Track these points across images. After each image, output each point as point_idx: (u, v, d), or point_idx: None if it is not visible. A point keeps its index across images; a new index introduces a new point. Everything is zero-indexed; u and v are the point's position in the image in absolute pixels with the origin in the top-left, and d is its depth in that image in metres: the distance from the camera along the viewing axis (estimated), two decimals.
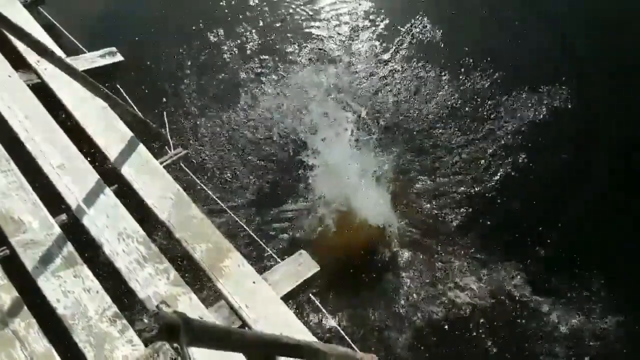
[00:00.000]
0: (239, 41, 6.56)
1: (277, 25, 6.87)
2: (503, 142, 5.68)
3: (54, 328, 3.68)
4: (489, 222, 5.11)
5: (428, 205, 5.19)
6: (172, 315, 1.94)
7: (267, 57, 6.43)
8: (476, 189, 5.32)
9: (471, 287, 4.67)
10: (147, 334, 1.89)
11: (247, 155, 5.39)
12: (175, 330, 1.94)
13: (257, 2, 7.13)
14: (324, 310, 4.24)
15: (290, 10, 7.09)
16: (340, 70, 6.37)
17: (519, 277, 4.71)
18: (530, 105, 6.06)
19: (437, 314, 4.50)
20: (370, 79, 6.32)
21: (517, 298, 4.59)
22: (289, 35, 6.75)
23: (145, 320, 1.90)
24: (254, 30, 6.71)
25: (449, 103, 6.07)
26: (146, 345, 3.66)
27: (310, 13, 7.09)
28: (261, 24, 6.84)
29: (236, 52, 6.43)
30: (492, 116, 5.95)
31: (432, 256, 4.87)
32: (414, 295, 4.61)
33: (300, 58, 6.46)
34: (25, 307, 3.70)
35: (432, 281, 4.70)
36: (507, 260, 4.82)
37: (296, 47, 6.58)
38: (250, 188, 5.14)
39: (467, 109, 6.03)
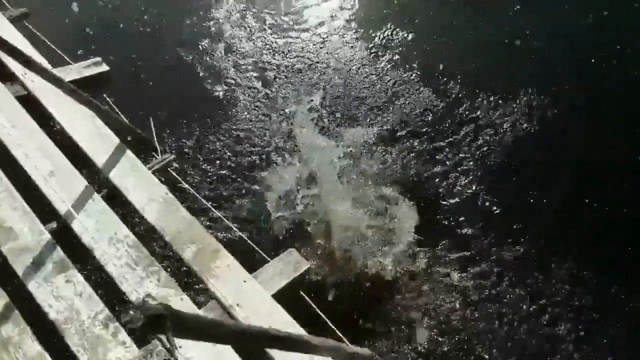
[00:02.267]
0: (222, 49, 6.66)
1: (262, 34, 6.98)
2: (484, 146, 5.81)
3: (47, 333, 3.73)
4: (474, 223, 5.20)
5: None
6: (158, 307, 1.98)
7: (252, 63, 6.52)
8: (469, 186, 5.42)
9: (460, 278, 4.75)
10: (132, 326, 1.93)
11: (233, 158, 5.45)
12: (161, 321, 1.99)
13: (238, 13, 7.24)
14: (314, 306, 4.29)
15: (274, 20, 7.21)
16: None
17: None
18: (510, 111, 6.17)
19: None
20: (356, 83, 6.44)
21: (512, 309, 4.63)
22: (274, 43, 6.85)
23: (131, 312, 1.95)
24: (237, 39, 6.81)
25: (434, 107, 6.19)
26: (139, 347, 3.72)
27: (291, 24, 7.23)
28: (244, 33, 6.94)
29: (220, 60, 6.52)
30: (472, 120, 6.05)
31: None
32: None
33: (285, 67, 6.58)
34: (18, 313, 3.75)
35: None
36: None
37: (282, 56, 6.70)
38: (237, 189, 5.20)
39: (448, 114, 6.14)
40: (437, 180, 5.48)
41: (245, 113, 5.96)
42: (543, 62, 6.91)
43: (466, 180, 5.47)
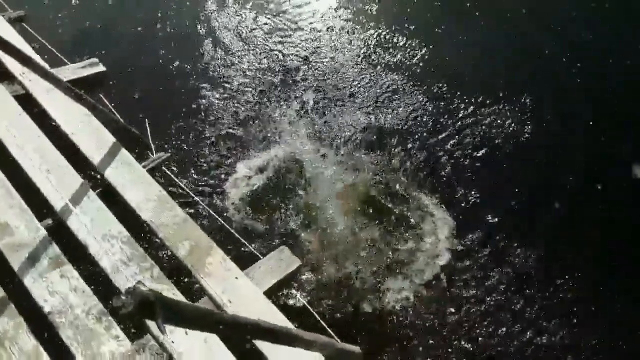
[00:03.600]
0: (217, 50, 6.74)
1: (256, 34, 7.06)
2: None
3: (42, 327, 3.80)
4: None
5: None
6: (149, 293, 2.05)
7: (246, 63, 6.60)
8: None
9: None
10: (124, 311, 1.99)
11: (227, 158, 5.52)
12: (151, 307, 2.06)
13: (233, 13, 7.32)
14: (306, 304, 4.36)
15: (268, 20, 7.30)
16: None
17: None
18: (511, 113, 6.23)
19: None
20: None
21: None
22: (268, 43, 6.93)
23: (123, 298, 2.02)
24: (231, 39, 6.90)
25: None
26: (132, 342, 3.79)
27: (287, 24, 7.31)
28: (238, 33, 7.02)
29: (215, 60, 6.60)
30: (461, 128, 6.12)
31: None
32: None
33: (279, 66, 6.66)
34: (14, 308, 3.82)
35: None
36: None
37: (276, 56, 6.78)
38: (230, 187, 5.27)
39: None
40: (436, 184, 5.52)
41: (239, 113, 6.01)
42: (544, 64, 6.94)
43: (467, 186, 5.50)
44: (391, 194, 5.36)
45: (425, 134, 5.98)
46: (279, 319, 4.00)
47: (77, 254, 4.21)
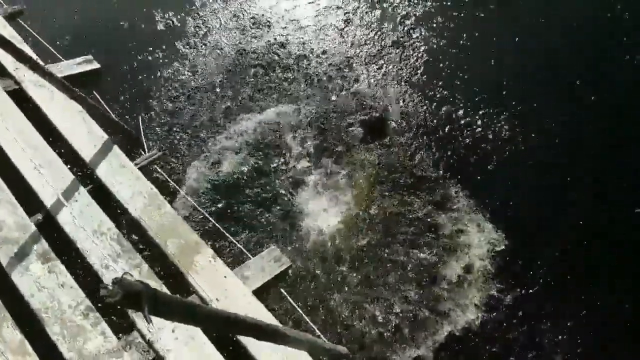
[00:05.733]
0: (213, 47, 6.75)
1: (248, 35, 7.07)
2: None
3: (29, 322, 3.78)
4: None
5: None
6: (136, 283, 2.06)
7: (240, 63, 6.62)
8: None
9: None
10: (110, 300, 1.99)
11: (219, 155, 5.52)
12: (138, 297, 2.06)
13: (227, 9, 7.34)
14: (294, 304, 4.36)
15: (265, 15, 7.31)
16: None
17: None
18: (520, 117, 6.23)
19: None
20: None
21: None
22: (263, 44, 6.94)
23: (110, 287, 2.02)
24: (225, 39, 6.91)
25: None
26: (118, 338, 3.79)
27: (283, 24, 7.32)
28: (233, 33, 7.03)
29: (210, 56, 6.61)
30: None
31: None
32: None
33: (275, 67, 6.67)
34: (0, 303, 3.80)
35: None
36: None
37: (270, 58, 6.80)
38: (222, 185, 5.26)
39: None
40: (438, 189, 5.48)
41: (234, 108, 6.02)
42: (553, 67, 6.88)
43: (467, 186, 5.49)
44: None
45: (424, 133, 5.97)
46: (267, 318, 4.00)
47: (65, 249, 4.21)
